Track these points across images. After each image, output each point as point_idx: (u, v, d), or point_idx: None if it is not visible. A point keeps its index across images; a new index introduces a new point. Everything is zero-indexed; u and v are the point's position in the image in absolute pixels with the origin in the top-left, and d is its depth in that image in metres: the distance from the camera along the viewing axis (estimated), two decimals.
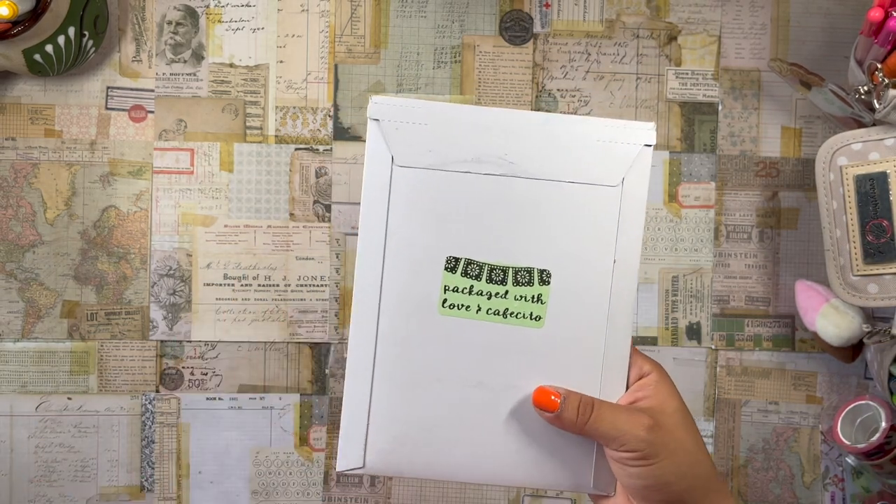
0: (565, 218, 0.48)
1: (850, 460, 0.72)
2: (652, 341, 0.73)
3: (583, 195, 0.48)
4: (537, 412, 0.48)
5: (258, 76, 0.72)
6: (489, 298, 0.48)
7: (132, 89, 0.72)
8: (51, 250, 0.71)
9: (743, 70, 0.73)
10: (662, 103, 0.73)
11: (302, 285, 0.72)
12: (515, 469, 0.49)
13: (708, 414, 0.73)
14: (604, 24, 0.73)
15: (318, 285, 0.72)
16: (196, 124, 0.72)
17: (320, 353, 0.72)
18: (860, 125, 0.65)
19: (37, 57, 0.64)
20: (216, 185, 0.72)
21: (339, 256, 0.72)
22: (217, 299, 0.72)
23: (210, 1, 0.72)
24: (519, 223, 0.48)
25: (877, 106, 0.61)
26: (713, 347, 0.73)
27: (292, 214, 0.72)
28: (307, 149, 0.72)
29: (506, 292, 0.48)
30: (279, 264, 0.72)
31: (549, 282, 0.48)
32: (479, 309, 0.48)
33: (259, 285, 0.72)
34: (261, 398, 0.72)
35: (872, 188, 0.62)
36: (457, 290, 0.48)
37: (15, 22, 0.61)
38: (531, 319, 0.48)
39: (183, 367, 0.72)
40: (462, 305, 0.48)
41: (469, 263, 0.48)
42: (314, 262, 0.72)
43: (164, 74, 0.72)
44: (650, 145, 0.48)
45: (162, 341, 0.72)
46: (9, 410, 0.71)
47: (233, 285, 0.72)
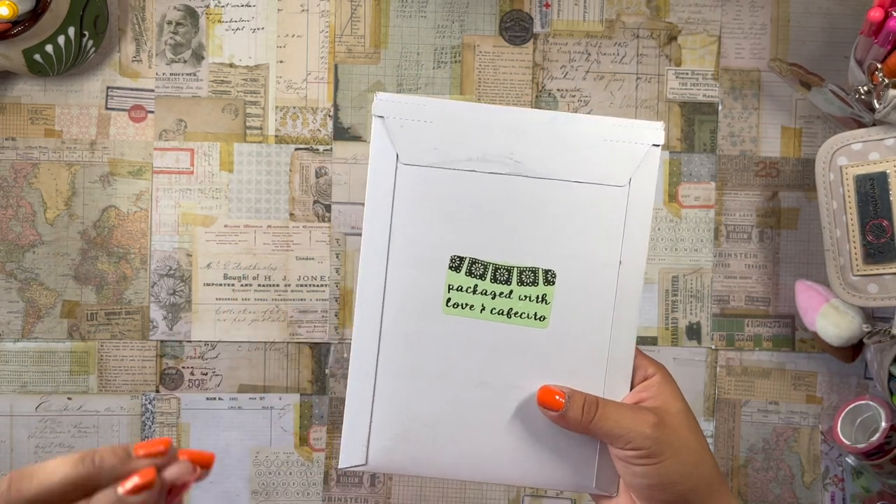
0: (571, 218, 0.48)
1: (850, 460, 0.72)
2: (652, 341, 0.73)
3: (589, 195, 0.48)
4: (542, 411, 0.47)
5: (258, 76, 0.72)
6: (493, 298, 0.48)
7: (132, 89, 0.72)
8: (51, 250, 0.71)
9: (743, 70, 0.73)
10: (662, 103, 0.73)
11: (302, 285, 0.72)
12: (518, 468, 0.49)
13: (708, 414, 0.73)
14: (604, 24, 0.73)
15: (318, 285, 0.72)
16: (196, 124, 0.72)
17: (320, 353, 0.72)
18: (860, 125, 0.65)
19: (37, 57, 0.64)
20: (216, 185, 0.72)
21: (339, 256, 0.72)
22: (217, 299, 0.72)
23: (210, 1, 0.72)
24: (524, 223, 0.48)
25: (877, 106, 0.61)
26: (713, 347, 0.73)
27: (292, 214, 0.72)
28: (307, 149, 0.72)
29: (510, 292, 0.48)
30: (279, 264, 0.72)
31: (554, 282, 0.48)
32: (483, 308, 0.48)
33: (259, 285, 0.72)
34: (261, 398, 0.72)
35: (872, 188, 0.62)
36: (461, 290, 0.48)
37: (15, 22, 0.61)
38: (535, 319, 0.48)
39: (183, 367, 0.72)
40: (466, 305, 0.48)
41: (473, 263, 0.48)
42: (314, 262, 0.72)
43: (164, 74, 0.72)
44: (658, 145, 0.48)
45: (162, 341, 0.72)
46: (9, 410, 0.71)
47: (233, 285, 0.72)
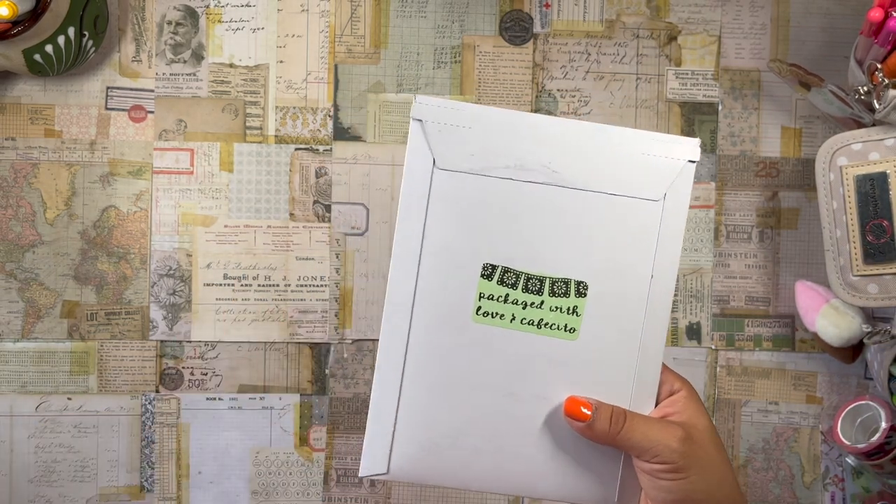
0: (605, 230, 0.47)
1: (850, 460, 0.72)
2: None
3: (624, 208, 0.47)
4: (568, 422, 0.47)
5: (258, 76, 0.72)
6: (524, 308, 0.48)
7: (132, 89, 0.72)
8: (51, 250, 0.71)
9: (743, 70, 0.73)
10: (662, 103, 0.73)
11: (302, 285, 0.72)
12: (540, 481, 0.48)
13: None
14: (604, 24, 0.73)
15: (318, 285, 0.72)
16: (196, 124, 0.72)
17: (320, 354, 0.72)
18: (860, 125, 0.65)
19: (37, 57, 0.64)
20: (216, 185, 0.72)
21: (339, 256, 0.72)
22: (217, 299, 0.72)
23: (210, 1, 0.72)
24: (558, 233, 0.47)
25: (877, 106, 0.61)
26: (713, 347, 0.73)
27: (292, 214, 0.72)
28: (307, 149, 0.72)
29: (541, 303, 0.48)
30: (279, 264, 0.72)
31: (586, 294, 0.48)
32: (514, 318, 0.48)
33: (259, 285, 0.72)
34: (261, 398, 0.72)
35: (872, 188, 0.62)
36: (492, 298, 0.48)
37: (15, 22, 0.61)
38: (565, 331, 0.48)
39: (183, 367, 0.72)
40: (497, 314, 0.48)
41: (506, 272, 0.48)
42: (314, 263, 0.72)
43: (164, 74, 0.72)
44: (694, 161, 0.48)
45: (162, 341, 0.72)
46: (9, 410, 0.71)
47: (233, 285, 0.72)
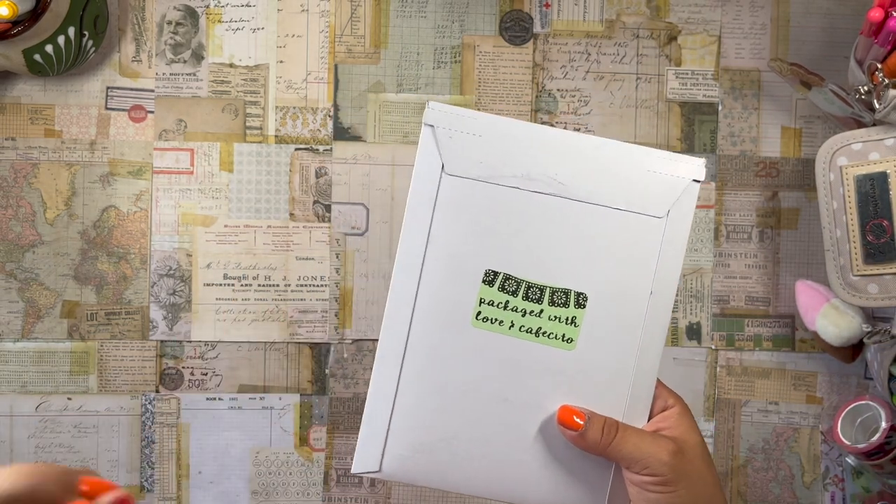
0: (608, 244, 0.48)
1: (850, 460, 0.72)
2: None
3: (628, 223, 0.48)
4: (560, 431, 0.48)
5: (258, 76, 0.72)
6: (524, 316, 0.48)
7: (132, 89, 0.72)
8: (51, 250, 0.71)
9: (743, 70, 0.73)
10: (662, 103, 0.73)
11: (302, 285, 0.72)
12: (531, 487, 0.49)
13: (708, 414, 0.73)
14: (604, 24, 0.73)
15: (318, 285, 0.72)
16: (196, 124, 0.72)
17: (320, 354, 0.72)
18: (860, 125, 0.65)
19: (37, 57, 0.64)
20: (216, 185, 0.72)
21: (339, 256, 0.72)
22: (217, 299, 0.72)
23: (210, 1, 0.72)
24: (562, 244, 0.48)
25: (877, 106, 0.61)
26: (713, 347, 0.73)
27: (292, 214, 0.72)
28: (307, 149, 0.72)
29: (541, 311, 0.48)
30: (279, 264, 0.72)
31: (585, 305, 0.48)
32: (513, 325, 0.48)
33: (259, 285, 0.72)
34: (261, 398, 0.72)
35: (872, 188, 0.62)
36: (492, 304, 0.48)
37: (15, 22, 0.61)
38: (563, 341, 0.48)
39: (183, 368, 0.72)
40: (496, 320, 0.48)
41: (507, 279, 0.48)
42: (314, 262, 0.72)
43: (164, 74, 0.72)
44: (699, 181, 0.48)
45: (162, 341, 0.72)
46: (9, 410, 0.71)
47: (233, 285, 0.72)
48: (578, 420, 0.47)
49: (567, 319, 0.48)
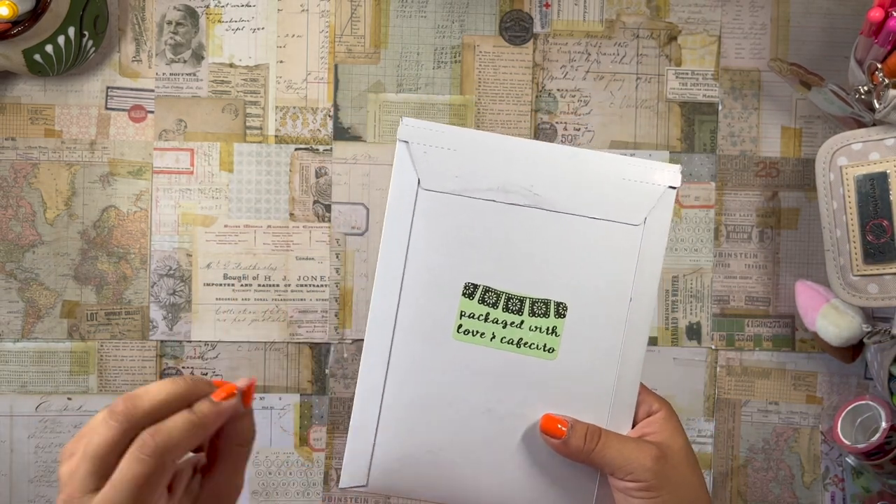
0: (586, 253, 0.48)
1: (850, 460, 0.72)
2: (652, 341, 0.73)
3: (605, 232, 0.48)
4: (543, 439, 0.48)
5: (258, 76, 0.72)
6: (504, 327, 0.48)
7: (132, 89, 0.72)
8: (51, 250, 0.71)
9: (743, 70, 0.73)
10: (662, 103, 0.73)
11: (302, 285, 0.72)
12: (517, 497, 0.49)
13: (708, 414, 0.73)
14: (604, 24, 0.73)
15: (318, 285, 0.72)
16: (196, 124, 0.72)
17: (320, 354, 0.72)
18: (860, 125, 0.65)
19: (37, 57, 0.64)
20: (216, 185, 0.72)
21: (339, 256, 0.72)
22: (217, 299, 0.72)
23: (210, 1, 0.72)
24: (540, 255, 0.48)
25: (877, 106, 0.61)
26: (713, 347, 0.73)
27: (292, 214, 0.72)
28: (307, 149, 0.72)
29: (521, 322, 0.48)
30: (279, 264, 0.72)
31: (565, 315, 0.48)
32: (494, 337, 0.48)
33: (259, 285, 0.72)
34: (261, 398, 0.72)
35: (872, 188, 0.62)
36: (473, 317, 0.48)
37: (15, 22, 0.61)
38: (544, 351, 0.48)
39: (183, 368, 0.72)
40: (477, 332, 0.48)
41: (487, 291, 0.48)
42: (314, 262, 0.72)
43: (164, 74, 0.72)
44: (675, 188, 0.49)
45: (162, 341, 0.72)
46: (9, 410, 0.71)
47: (233, 285, 0.72)
48: (561, 427, 0.47)
49: (548, 329, 0.48)
